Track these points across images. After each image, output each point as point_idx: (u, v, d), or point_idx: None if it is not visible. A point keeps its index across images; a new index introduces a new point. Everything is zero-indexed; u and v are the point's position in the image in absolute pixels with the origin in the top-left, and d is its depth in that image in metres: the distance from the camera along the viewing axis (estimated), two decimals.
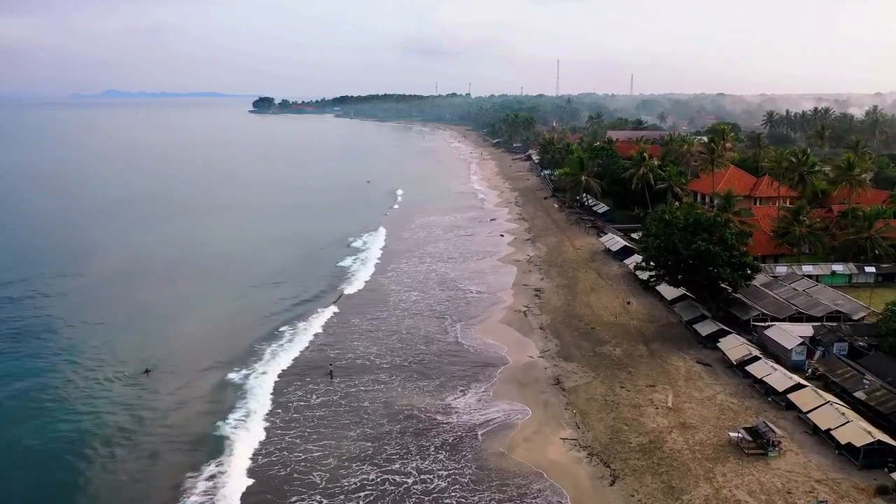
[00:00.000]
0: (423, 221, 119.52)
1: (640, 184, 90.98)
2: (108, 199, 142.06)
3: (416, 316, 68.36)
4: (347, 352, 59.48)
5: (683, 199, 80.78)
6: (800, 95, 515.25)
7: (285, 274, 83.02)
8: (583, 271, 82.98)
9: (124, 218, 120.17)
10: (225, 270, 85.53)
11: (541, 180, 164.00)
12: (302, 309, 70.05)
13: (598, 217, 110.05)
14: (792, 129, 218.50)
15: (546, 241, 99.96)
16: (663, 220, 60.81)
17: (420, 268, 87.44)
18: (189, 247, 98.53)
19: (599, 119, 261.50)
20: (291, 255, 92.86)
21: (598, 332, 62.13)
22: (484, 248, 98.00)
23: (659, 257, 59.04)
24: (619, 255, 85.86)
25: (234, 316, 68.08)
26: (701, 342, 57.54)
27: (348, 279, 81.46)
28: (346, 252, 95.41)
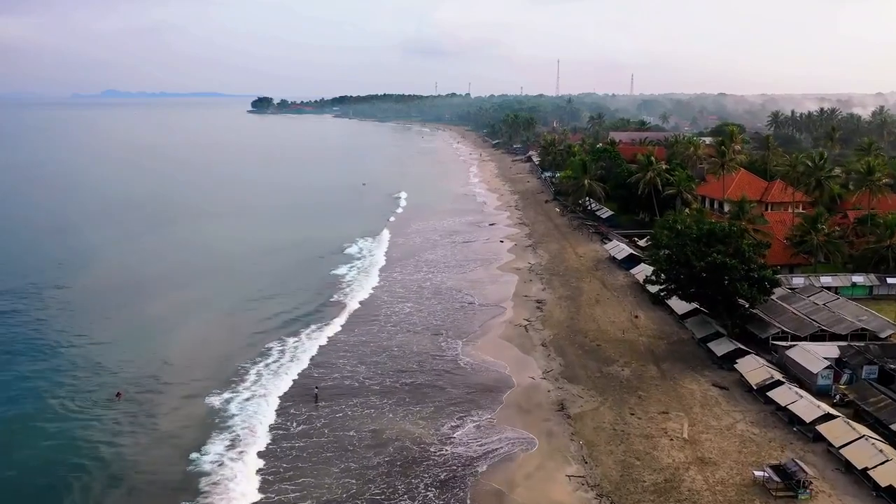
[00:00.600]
0: (420, 226, 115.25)
1: (646, 189, 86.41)
2: (98, 202, 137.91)
3: (410, 331, 64.04)
4: (334, 371, 55.20)
5: (692, 205, 76.57)
6: (801, 95, 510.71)
7: (278, 285, 78.31)
8: (586, 281, 78.70)
9: (113, 223, 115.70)
10: (215, 281, 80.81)
11: (541, 183, 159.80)
12: (294, 324, 65.57)
13: (601, 222, 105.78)
14: (798, 130, 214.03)
15: (547, 248, 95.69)
16: (674, 230, 56.49)
17: (415, 276, 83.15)
18: (179, 254, 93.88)
19: (601, 119, 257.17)
20: (284, 263, 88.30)
21: (604, 350, 57.86)
22: (483, 255, 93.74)
23: (670, 270, 54.74)
24: (625, 263, 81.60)
25: (221, 332, 63.58)
26: (716, 362, 53.27)
27: (343, 290, 77.11)
28: (340, 259, 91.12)
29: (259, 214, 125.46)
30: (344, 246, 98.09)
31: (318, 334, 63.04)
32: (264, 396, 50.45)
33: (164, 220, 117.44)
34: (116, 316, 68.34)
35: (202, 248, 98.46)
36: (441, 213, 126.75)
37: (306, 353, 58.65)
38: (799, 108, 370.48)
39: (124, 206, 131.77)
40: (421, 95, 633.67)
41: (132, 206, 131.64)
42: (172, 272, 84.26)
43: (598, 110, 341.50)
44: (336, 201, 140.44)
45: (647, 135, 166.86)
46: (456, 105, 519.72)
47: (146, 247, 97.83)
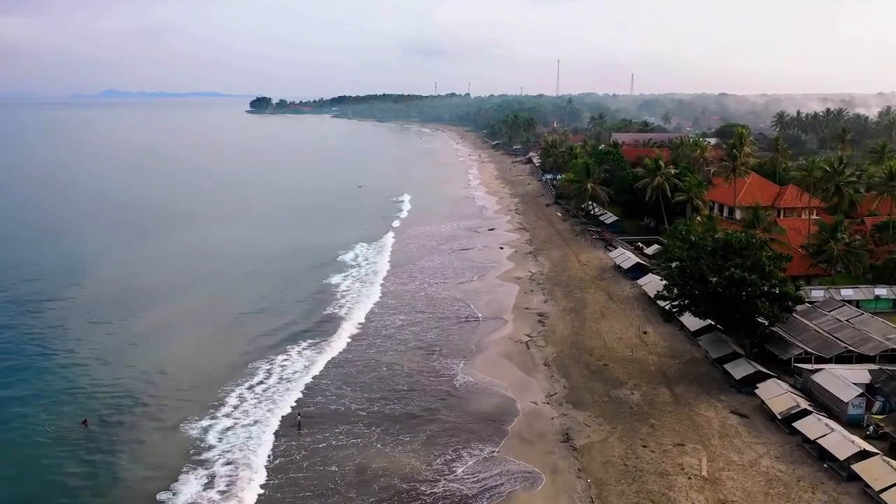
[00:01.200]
0: (417, 231, 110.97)
1: (654, 195, 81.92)
2: (88, 205, 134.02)
3: (401, 348, 59.78)
4: (318, 394, 51.02)
5: (703, 212, 72.37)
6: (803, 95, 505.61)
7: (269, 297, 73.73)
8: (591, 292, 74.43)
9: (101, 229, 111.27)
10: (203, 292, 76.05)
11: (542, 185, 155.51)
12: (282, 342, 61.18)
13: (605, 228, 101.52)
14: (803, 131, 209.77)
15: (549, 255, 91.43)
16: (688, 241, 52.21)
17: (409, 287, 78.88)
18: (168, 263, 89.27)
19: (602, 120, 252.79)
20: (276, 273, 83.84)
21: (611, 370, 53.63)
22: (482, 263, 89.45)
23: (683, 285, 50.45)
24: (631, 273, 77.34)
25: (207, 350, 59.32)
26: (734, 386, 49.03)
27: (335, 302, 72.79)
28: (335, 267, 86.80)
29: (251, 219, 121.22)
30: (338, 253, 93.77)
31: (308, 353, 58.77)
32: (246, 426, 46.24)
33: (154, 226, 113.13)
34: (94, 331, 64.07)
35: (192, 255, 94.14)
36: (439, 218, 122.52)
37: (294, 374, 54.32)
38: (802, 108, 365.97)
39: (115, 211, 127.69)
40: (420, 95, 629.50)
41: (123, 211, 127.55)
42: (159, 283, 79.76)
43: (598, 111, 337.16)
44: (332, 205, 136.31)
45: (651, 136, 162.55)
46: (455, 105, 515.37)
47: (134, 255, 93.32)
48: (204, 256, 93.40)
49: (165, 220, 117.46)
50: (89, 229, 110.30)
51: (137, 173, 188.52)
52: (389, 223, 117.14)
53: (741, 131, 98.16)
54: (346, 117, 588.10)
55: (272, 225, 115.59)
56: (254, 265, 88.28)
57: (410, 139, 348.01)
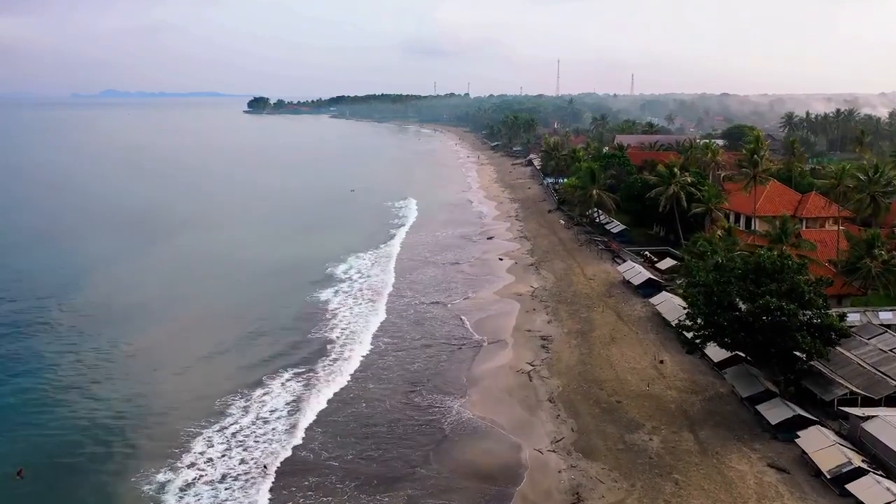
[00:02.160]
0: (411, 240, 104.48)
1: (668, 205, 75.03)
2: (73, 209, 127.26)
3: (383, 380, 53.23)
4: (293, 437, 44.56)
5: (721, 223, 65.91)
6: (807, 96, 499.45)
7: (250, 319, 66.76)
8: (599, 311, 67.88)
9: (82, 236, 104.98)
10: (180, 312, 68.81)
11: (543, 189, 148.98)
12: (258, 370, 54.76)
13: (612, 237, 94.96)
14: (813, 132, 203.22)
15: (552, 268, 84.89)
16: (713, 262, 45.64)
17: (397, 303, 72.34)
18: (145, 277, 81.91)
19: (604, 121, 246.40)
20: (262, 290, 77.13)
21: (625, 409, 47.10)
22: (479, 276, 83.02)
23: (710, 314, 43.88)
24: (643, 289, 70.78)
25: (176, 383, 52.53)
26: (768, 430, 42.51)
27: (320, 324, 66.24)
28: (324, 281, 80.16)
29: (237, 225, 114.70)
30: (328, 266, 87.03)
31: (293, 385, 52.37)
32: (211, 482, 39.69)
33: (137, 232, 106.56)
34: (54, 358, 57.30)
35: (174, 267, 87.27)
36: (435, 225, 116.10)
37: (272, 415, 47.77)
38: (806, 108, 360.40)
39: (101, 216, 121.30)
40: (419, 95, 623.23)
41: (109, 216, 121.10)
42: (133, 301, 72.48)
43: (599, 111, 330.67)
44: (323, 209, 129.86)
45: (657, 138, 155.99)
46: (454, 105, 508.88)
47: (109, 267, 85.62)
48: (185, 269, 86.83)
49: (148, 226, 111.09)
50: (77, 239, 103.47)
51: (125, 175, 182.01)
52: (383, 231, 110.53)
53: (758, 134, 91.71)
54: (343, 117, 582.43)
55: (259, 232, 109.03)
56: (237, 279, 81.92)
57: (408, 140, 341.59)
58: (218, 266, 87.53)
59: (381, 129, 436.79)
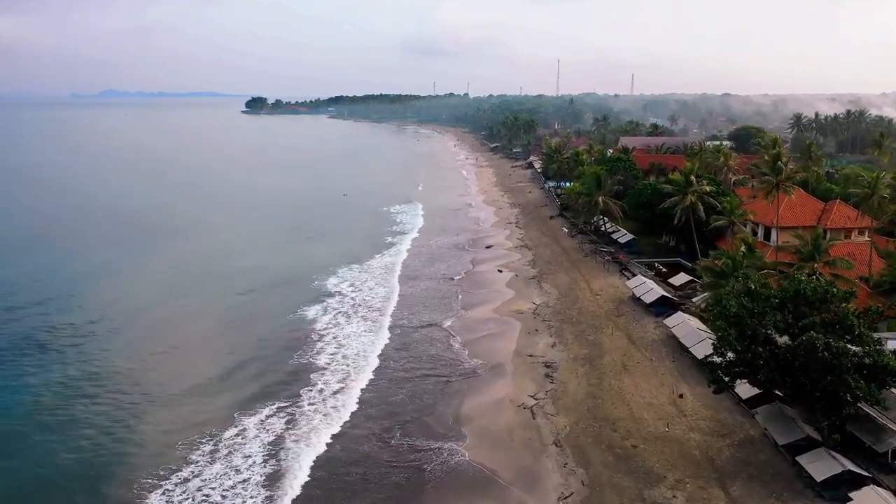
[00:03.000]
0: (405, 249, 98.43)
1: (684, 217, 68.60)
2: (55, 214, 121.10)
3: (361, 416, 47.28)
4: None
5: (744, 237, 59.97)
6: (810, 96, 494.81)
7: (230, 340, 61.36)
8: (607, 332, 61.87)
9: (59, 242, 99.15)
10: (144, 343, 61.92)
11: (544, 194, 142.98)
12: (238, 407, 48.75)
13: (619, 248, 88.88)
14: (821, 133, 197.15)
15: (556, 281, 78.87)
16: (747, 289, 39.59)
17: (387, 323, 66.23)
18: (115, 296, 74.99)
19: (606, 122, 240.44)
20: (245, 306, 71.35)
21: (643, 456, 41.07)
22: (477, 291, 76.98)
23: (744, 351, 37.83)
24: (655, 308, 64.77)
25: (131, 427, 46.35)
26: (810, 486, 36.53)
27: (301, 349, 60.18)
28: (312, 296, 74.08)
29: (221, 232, 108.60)
30: (316, 279, 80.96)
31: (273, 421, 46.51)
32: None
33: (118, 241, 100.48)
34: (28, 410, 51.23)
35: (143, 281, 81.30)
36: (431, 232, 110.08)
37: (244, 463, 41.74)
38: (810, 109, 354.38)
39: (83, 220, 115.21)
40: (418, 95, 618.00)
41: (91, 219, 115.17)
42: (100, 321, 66.74)
43: (600, 111, 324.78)
44: (315, 216, 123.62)
45: (664, 141, 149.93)
46: (453, 105, 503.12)
47: (84, 283, 79.65)
48: (158, 282, 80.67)
49: (129, 233, 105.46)
50: (52, 245, 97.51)
51: (113, 177, 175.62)
52: (376, 239, 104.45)
53: (775, 138, 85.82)
54: (342, 118, 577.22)
55: (244, 240, 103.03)
56: (214, 293, 76.09)
57: (405, 141, 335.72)
58: (195, 279, 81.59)
59: (378, 129, 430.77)
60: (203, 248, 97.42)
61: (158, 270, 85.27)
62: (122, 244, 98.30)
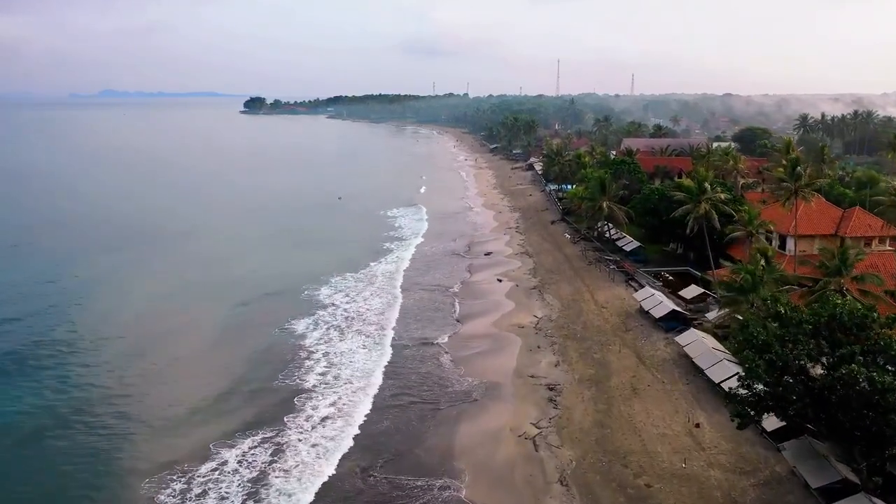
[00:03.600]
0: (402, 256, 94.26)
1: (696, 227, 64.17)
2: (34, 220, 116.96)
3: (366, 450, 43.13)
4: None
5: (763, 249, 55.81)
6: (812, 96, 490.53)
7: (209, 364, 57.26)
8: (615, 350, 57.76)
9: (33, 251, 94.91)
10: (117, 363, 58.02)
11: (545, 197, 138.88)
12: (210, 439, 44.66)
13: (624, 256, 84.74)
14: (828, 134, 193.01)
15: (558, 292, 74.73)
16: (776, 314, 35.43)
17: (382, 340, 62.11)
18: (98, 306, 71.20)
19: (607, 122, 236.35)
20: (224, 324, 66.67)
21: (658, 497, 36.95)
22: (474, 302, 72.93)
23: (775, 384, 33.65)
24: (665, 323, 60.63)
25: (95, 461, 42.33)
26: None
27: (294, 370, 56.14)
28: (301, 310, 69.97)
29: (207, 237, 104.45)
30: (306, 289, 76.80)
31: (255, 455, 42.39)
32: None
33: (103, 247, 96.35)
34: None
35: (132, 295, 76.55)
36: (427, 238, 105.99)
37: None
38: (813, 109, 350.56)
39: (64, 226, 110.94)
40: (417, 96, 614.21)
41: (73, 225, 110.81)
42: (81, 345, 62.22)
43: (601, 112, 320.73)
44: (309, 220, 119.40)
45: (668, 142, 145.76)
46: (453, 106, 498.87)
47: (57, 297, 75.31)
48: (145, 294, 76.33)
49: (114, 238, 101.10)
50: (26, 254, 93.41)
51: (102, 180, 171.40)
52: (371, 246, 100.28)
53: (789, 141, 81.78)
54: (341, 118, 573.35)
55: (232, 245, 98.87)
56: (196, 303, 72.02)
57: (404, 141, 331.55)
58: (176, 290, 77.26)
59: (377, 129, 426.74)
60: (188, 255, 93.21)
61: (138, 281, 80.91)
62: (108, 251, 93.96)
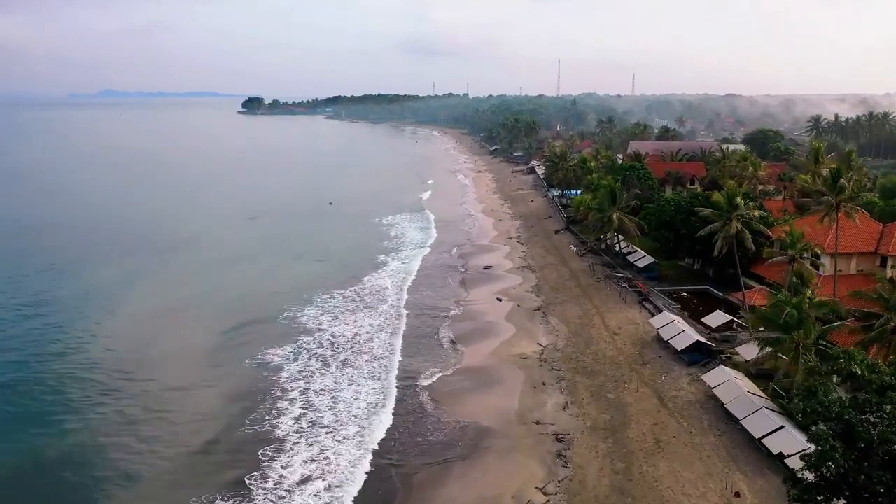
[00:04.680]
0: (393, 269, 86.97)
1: (725, 247, 55.98)
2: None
3: None
4: None
5: (808, 277, 48.11)
6: (817, 96, 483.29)
7: (169, 403, 49.82)
8: (632, 388, 50.36)
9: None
10: (58, 409, 51.14)
11: (548, 202, 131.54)
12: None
13: (636, 272, 77.30)
14: (842, 136, 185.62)
15: (565, 315, 67.35)
16: (849, 374, 28.02)
17: (342, 376, 54.57)
18: (53, 353, 64.01)
19: (611, 123, 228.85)
20: (188, 353, 59.62)
21: None
22: (471, 326, 65.53)
23: (855, 471, 26.14)
24: (688, 355, 53.25)
25: None
26: None
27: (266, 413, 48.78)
28: (281, 335, 62.76)
29: (186, 249, 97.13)
30: (286, 310, 69.60)
31: None
32: None
33: (71, 260, 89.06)
34: None
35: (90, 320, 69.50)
36: (422, 249, 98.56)
37: None
38: (819, 110, 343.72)
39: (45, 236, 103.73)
40: (416, 96, 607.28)
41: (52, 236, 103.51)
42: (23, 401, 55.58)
43: (603, 112, 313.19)
44: (297, 229, 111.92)
45: (678, 146, 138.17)
46: (452, 106, 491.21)
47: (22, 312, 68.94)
48: (95, 311, 69.26)
49: (84, 249, 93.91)
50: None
51: (84, 186, 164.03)
52: (361, 257, 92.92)
53: (818, 146, 74.31)
54: (339, 118, 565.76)
55: (211, 256, 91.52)
56: (161, 326, 64.56)
57: (402, 142, 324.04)
58: (142, 309, 69.90)
59: (375, 130, 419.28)
60: (156, 270, 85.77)
61: (99, 303, 73.48)
62: (81, 264, 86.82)
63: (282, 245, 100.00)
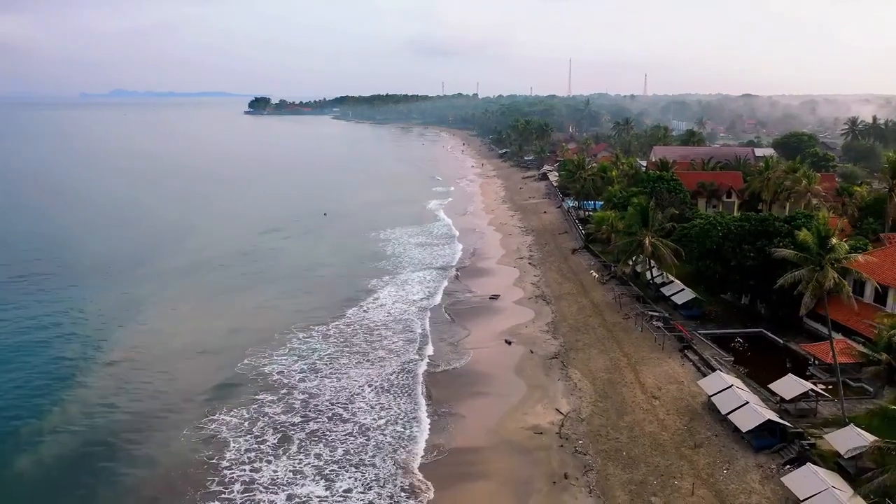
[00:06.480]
0: (386, 298, 74.72)
1: (815, 300, 42.12)
2: None
3: None
4: None
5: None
6: (841, 96, 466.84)
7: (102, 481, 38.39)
8: (684, 488, 37.70)
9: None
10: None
11: (563, 215, 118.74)
12: None
13: (674, 309, 64.43)
14: (881, 140, 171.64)
15: (588, 366, 54.81)
16: None
17: (304, 461, 42.37)
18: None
19: (628, 126, 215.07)
20: (131, 414, 48.52)
21: None
22: (474, 381, 53.22)
23: None
24: (758, 439, 40.48)
25: None
26: None
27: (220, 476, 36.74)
28: (239, 382, 51.16)
29: (155, 274, 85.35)
30: (249, 355, 57.81)
31: None
32: None
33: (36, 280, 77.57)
34: None
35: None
36: (419, 271, 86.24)
37: None
38: (845, 111, 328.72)
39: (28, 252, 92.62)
40: (425, 96, 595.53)
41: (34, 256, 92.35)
42: None
43: (617, 113, 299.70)
44: (285, 246, 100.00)
45: (711, 153, 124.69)
46: (461, 106, 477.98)
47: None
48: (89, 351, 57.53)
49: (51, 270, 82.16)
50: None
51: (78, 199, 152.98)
52: (353, 281, 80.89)
53: (892, 158, 61.37)
54: (345, 119, 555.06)
55: (183, 284, 79.63)
56: (97, 386, 52.68)
57: (408, 145, 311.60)
58: (92, 354, 57.98)
59: (380, 131, 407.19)
60: (122, 302, 73.97)
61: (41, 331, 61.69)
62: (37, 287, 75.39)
63: (262, 263, 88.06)
